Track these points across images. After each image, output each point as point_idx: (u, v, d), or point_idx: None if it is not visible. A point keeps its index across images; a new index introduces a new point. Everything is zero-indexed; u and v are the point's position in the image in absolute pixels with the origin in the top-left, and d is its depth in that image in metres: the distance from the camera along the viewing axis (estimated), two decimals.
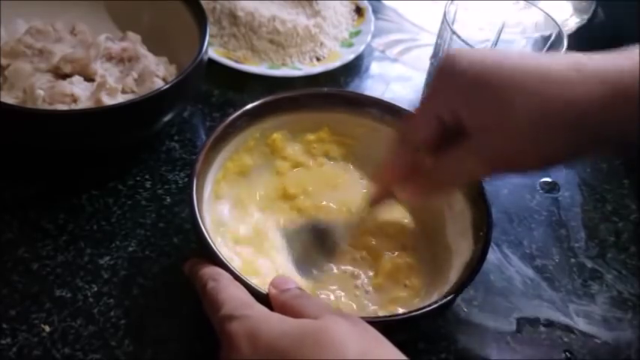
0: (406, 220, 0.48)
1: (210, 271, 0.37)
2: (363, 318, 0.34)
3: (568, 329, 0.48)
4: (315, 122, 0.50)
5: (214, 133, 0.45)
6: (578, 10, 0.80)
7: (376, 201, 0.44)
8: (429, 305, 0.38)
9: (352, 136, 0.51)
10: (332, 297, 0.43)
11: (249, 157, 0.49)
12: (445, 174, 0.39)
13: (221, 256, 0.38)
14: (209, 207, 0.44)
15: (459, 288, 0.39)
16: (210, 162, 0.44)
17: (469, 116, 0.35)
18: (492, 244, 0.49)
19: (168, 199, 0.52)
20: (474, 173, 0.38)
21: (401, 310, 0.42)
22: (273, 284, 0.36)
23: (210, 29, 0.64)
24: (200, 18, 0.55)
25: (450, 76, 0.36)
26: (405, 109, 0.48)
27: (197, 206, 0.40)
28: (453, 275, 0.41)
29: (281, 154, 0.50)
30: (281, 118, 0.49)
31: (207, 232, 0.39)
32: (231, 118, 0.46)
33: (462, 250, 0.43)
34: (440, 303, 0.38)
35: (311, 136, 0.51)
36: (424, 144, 0.39)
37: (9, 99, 0.51)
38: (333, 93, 0.51)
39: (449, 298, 0.38)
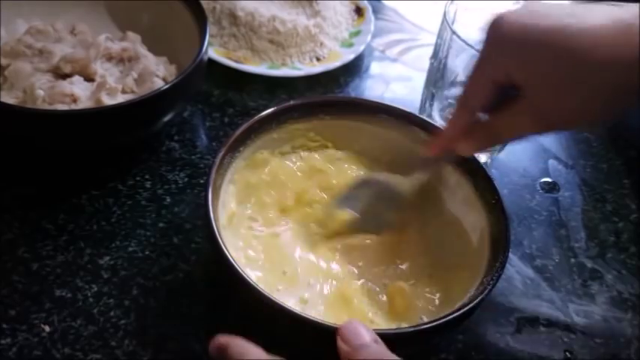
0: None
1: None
2: (383, 330, 0.34)
3: (568, 329, 0.48)
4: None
5: (239, 131, 0.45)
6: None
7: (438, 156, 0.46)
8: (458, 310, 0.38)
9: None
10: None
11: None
12: (499, 131, 0.41)
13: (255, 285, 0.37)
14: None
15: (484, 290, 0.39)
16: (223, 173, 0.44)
17: (520, 76, 0.38)
18: None
19: (168, 199, 0.52)
20: (523, 129, 0.40)
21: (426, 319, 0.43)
22: (343, 338, 0.32)
23: (210, 29, 0.64)
24: (200, 18, 0.55)
25: (498, 40, 0.38)
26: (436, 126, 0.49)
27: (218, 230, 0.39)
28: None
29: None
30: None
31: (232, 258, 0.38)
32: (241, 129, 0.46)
33: (472, 220, 0.45)
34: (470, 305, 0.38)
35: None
36: (481, 106, 0.41)
37: (9, 99, 0.51)
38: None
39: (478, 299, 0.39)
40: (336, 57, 0.68)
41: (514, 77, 0.38)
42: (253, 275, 0.42)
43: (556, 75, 0.36)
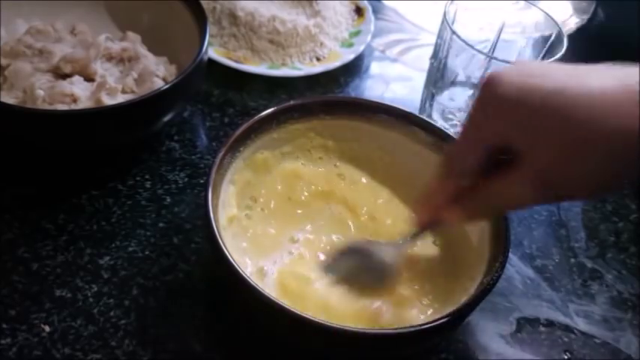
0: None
1: None
2: (383, 330, 0.33)
3: (568, 329, 0.48)
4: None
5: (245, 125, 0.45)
6: (578, 10, 0.80)
7: (423, 226, 0.43)
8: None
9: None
10: None
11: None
12: (493, 200, 0.38)
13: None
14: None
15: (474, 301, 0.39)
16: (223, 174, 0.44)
17: (521, 141, 0.35)
18: None
19: (168, 199, 0.52)
20: (524, 199, 0.37)
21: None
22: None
23: (210, 29, 0.64)
24: (200, 18, 0.55)
25: (494, 100, 0.35)
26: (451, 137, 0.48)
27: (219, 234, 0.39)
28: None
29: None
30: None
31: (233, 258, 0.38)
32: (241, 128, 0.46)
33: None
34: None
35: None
36: (471, 171, 0.38)
37: (9, 99, 0.51)
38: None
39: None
40: (336, 57, 0.68)
41: (513, 141, 0.35)
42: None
43: (562, 142, 0.33)
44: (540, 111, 0.33)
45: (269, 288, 0.42)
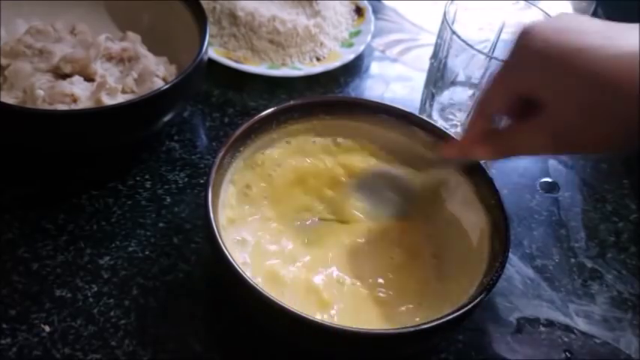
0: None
1: None
2: (383, 330, 0.34)
3: (568, 329, 0.48)
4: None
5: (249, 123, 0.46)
6: (578, 10, 0.80)
7: (450, 157, 0.46)
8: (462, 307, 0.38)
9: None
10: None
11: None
12: (515, 143, 0.40)
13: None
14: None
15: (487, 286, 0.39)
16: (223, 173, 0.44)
17: (546, 93, 0.36)
18: None
19: (168, 199, 0.52)
20: (540, 147, 0.39)
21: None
22: None
23: (210, 29, 0.64)
24: (200, 18, 0.55)
25: (526, 52, 0.37)
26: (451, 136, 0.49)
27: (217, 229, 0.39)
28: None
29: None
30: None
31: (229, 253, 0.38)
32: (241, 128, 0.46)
33: (472, 220, 0.45)
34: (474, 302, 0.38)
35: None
36: (499, 114, 0.41)
37: (9, 99, 0.51)
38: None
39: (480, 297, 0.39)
40: (336, 57, 0.68)
41: (538, 92, 0.37)
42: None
43: (584, 99, 0.35)
44: (567, 69, 0.35)
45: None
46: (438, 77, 0.57)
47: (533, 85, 0.37)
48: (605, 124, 0.35)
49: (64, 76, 0.53)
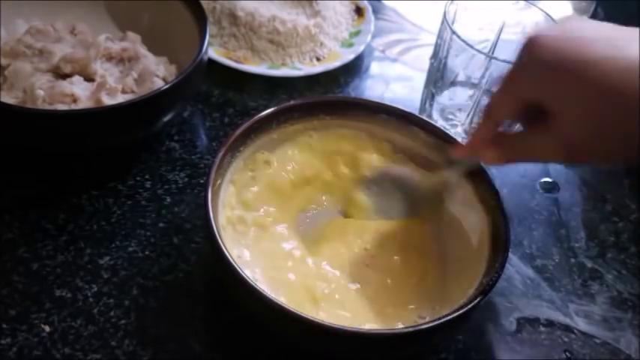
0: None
1: None
2: (383, 330, 0.34)
3: (568, 329, 0.48)
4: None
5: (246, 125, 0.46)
6: (578, 10, 0.80)
7: (461, 158, 0.46)
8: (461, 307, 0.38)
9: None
10: None
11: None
12: (526, 149, 0.40)
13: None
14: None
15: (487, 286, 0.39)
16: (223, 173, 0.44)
17: (554, 103, 0.36)
18: None
19: (168, 199, 0.52)
20: (547, 155, 0.40)
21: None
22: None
23: (210, 29, 0.64)
24: (200, 18, 0.55)
25: (533, 61, 0.37)
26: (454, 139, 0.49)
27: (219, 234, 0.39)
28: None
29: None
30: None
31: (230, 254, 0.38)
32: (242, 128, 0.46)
33: (472, 220, 0.45)
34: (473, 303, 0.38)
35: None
36: (506, 119, 0.41)
37: (9, 99, 0.51)
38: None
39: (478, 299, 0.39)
40: (336, 57, 0.68)
41: (549, 104, 0.37)
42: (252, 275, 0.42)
43: (596, 112, 0.35)
44: (574, 79, 0.35)
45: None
46: (438, 77, 0.57)
47: (543, 96, 0.37)
48: (617, 136, 0.35)
49: (64, 76, 0.53)
